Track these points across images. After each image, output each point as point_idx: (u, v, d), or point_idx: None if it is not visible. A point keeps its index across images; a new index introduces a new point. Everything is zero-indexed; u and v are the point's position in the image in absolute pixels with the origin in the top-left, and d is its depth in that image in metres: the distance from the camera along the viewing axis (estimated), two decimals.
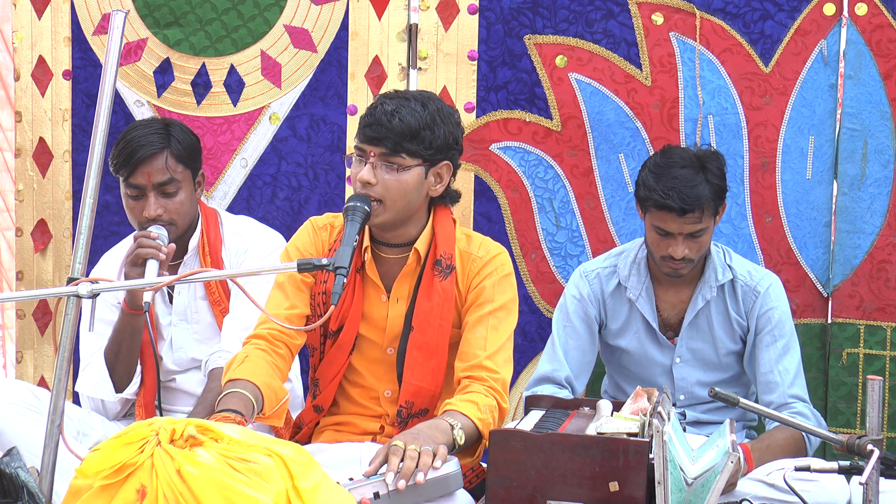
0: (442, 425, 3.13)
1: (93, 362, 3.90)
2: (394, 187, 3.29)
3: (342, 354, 3.46)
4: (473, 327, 3.39)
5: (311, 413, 3.55)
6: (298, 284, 3.47)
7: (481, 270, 3.43)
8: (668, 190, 3.71)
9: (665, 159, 3.80)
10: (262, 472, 2.47)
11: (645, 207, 3.81)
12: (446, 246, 3.42)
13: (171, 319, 3.96)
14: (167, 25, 4.54)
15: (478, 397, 3.27)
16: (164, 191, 3.82)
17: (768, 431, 3.78)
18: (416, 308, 3.40)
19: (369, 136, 3.28)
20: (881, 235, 4.23)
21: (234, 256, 3.95)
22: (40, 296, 4.17)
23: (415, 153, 3.29)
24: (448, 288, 3.40)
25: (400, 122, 3.26)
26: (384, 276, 3.44)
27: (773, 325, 3.87)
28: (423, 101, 3.33)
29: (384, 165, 3.29)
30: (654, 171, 3.77)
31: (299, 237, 3.55)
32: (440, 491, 3.03)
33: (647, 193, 3.76)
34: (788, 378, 3.83)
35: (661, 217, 3.75)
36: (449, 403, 3.25)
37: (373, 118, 3.29)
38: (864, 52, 4.18)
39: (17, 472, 2.67)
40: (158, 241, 3.64)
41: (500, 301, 3.42)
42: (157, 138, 3.83)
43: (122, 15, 3.06)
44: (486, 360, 3.34)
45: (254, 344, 3.39)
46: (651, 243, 3.84)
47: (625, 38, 4.31)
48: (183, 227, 3.88)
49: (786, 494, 3.41)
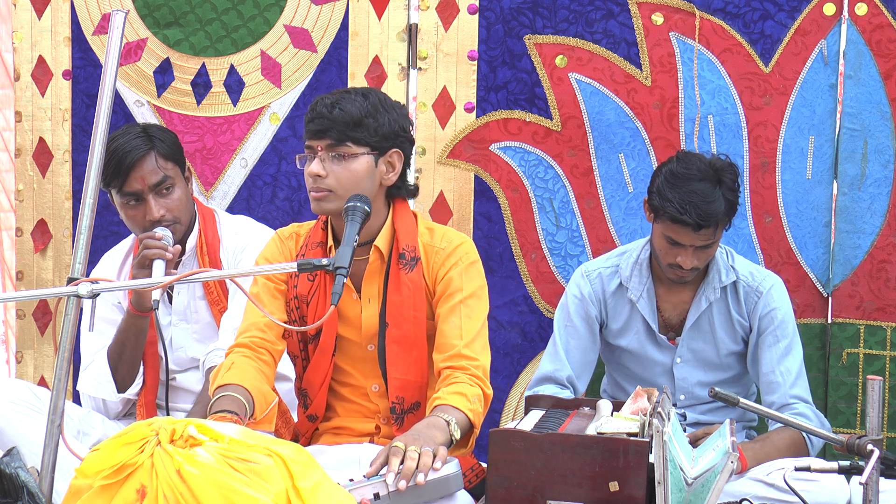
0: (438, 423, 3.14)
1: (95, 362, 3.90)
2: (344, 177, 3.31)
3: (326, 358, 3.47)
4: (447, 318, 3.39)
5: (306, 423, 3.55)
6: (273, 292, 3.50)
7: (446, 261, 3.43)
8: (685, 205, 3.68)
9: (682, 168, 3.75)
10: (262, 472, 2.48)
11: (658, 216, 3.79)
12: (408, 239, 3.43)
13: (170, 319, 3.97)
14: (167, 25, 4.54)
15: (464, 388, 3.27)
16: (160, 191, 3.83)
17: (767, 432, 3.78)
18: (388, 304, 3.41)
19: (314, 130, 3.31)
20: (881, 235, 4.23)
21: (231, 256, 3.96)
22: (40, 296, 4.17)
23: (360, 141, 3.31)
24: (416, 279, 3.41)
25: (341, 112, 3.29)
26: (352, 275, 3.44)
27: (776, 326, 3.86)
28: (364, 92, 3.38)
29: (332, 157, 3.31)
30: (671, 182, 3.74)
31: (268, 249, 3.57)
32: (441, 492, 3.03)
33: (662, 204, 3.73)
34: (790, 378, 3.83)
35: (675, 229, 3.73)
36: (438, 398, 3.25)
37: (314, 113, 3.32)
38: (864, 52, 4.18)
39: (17, 472, 2.67)
40: (164, 242, 3.67)
41: (470, 289, 3.42)
42: (140, 142, 3.83)
43: (121, 15, 3.06)
44: (465, 348, 3.35)
45: (238, 352, 3.41)
46: (659, 250, 3.83)
47: (625, 38, 4.31)
48: (185, 223, 3.90)
49: (786, 494, 3.41)
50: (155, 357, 3.88)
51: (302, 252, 3.49)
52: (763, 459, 3.61)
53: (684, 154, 3.85)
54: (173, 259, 3.67)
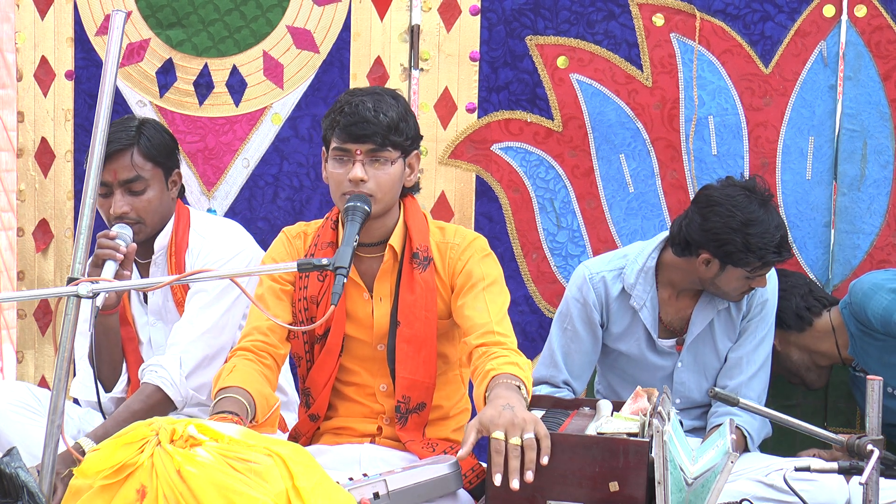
0: (512, 389, 3.05)
1: (83, 367, 3.87)
2: (384, 181, 3.31)
3: (332, 358, 3.46)
4: (472, 304, 3.35)
5: (308, 423, 3.53)
6: (278, 294, 3.47)
7: (462, 255, 3.43)
8: (775, 246, 3.72)
9: (742, 213, 3.71)
10: (261, 471, 2.48)
11: (741, 265, 3.74)
12: (421, 239, 3.42)
13: (147, 319, 3.91)
14: (170, 26, 4.55)
15: (515, 357, 3.21)
16: (130, 188, 3.75)
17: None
18: (401, 303, 3.40)
19: (356, 133, 3.28)
20: (881, 235, 4.24)
21: (195, 258, 3.85)
22: (41, 296, 4.17)
23: (398, 145, 3.32)
24: (429, 279, 3.40)
25: (385, 117, 3.28)
26: (364, 274, 3.44)
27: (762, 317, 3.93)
28: (393, 94, 3.38)
29: (372, 161, 3.30)
30: (747, 232, 3.70)
31: (275, 248, 3.55)
32: (440, 491, 3.03)
33: (760, 255, 3.71)
34: (753, 369, 3.94)
35: (763, 271, 3.77)
36: (492, 370, 3.14)
37: (356, 116, 3.28)
38: (863, 54, 4.19)
39: (17, 472, 2.67)
40: (117, 241, 3.57)
41: (492, 276, 3.41)
42: (125, 135, 3.76)
43: (122, 15, 3.07)
44: (496, 325, 3.30)
45: (240, 355, 3.38)
46: (734, 290, 3.82)
47: (626, 39, 4.32)
48: (152, 225, 3.80)
49: (785, 494, 3.42)
50: (136, 354, 3.84)
51: (311, 252, 3.47)
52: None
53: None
54: (129, 260, 3.57)
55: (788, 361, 4.08)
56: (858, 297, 3.87)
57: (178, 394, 3.63)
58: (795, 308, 4.01)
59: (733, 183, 3.80)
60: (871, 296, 3.82)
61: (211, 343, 3.72)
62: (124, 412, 3.55)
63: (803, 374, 4.11)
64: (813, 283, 4.11)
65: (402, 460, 3.33)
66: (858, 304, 3.87)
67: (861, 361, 3.97)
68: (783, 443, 4.11)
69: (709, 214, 3.74)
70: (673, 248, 3.86)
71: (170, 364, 3.65)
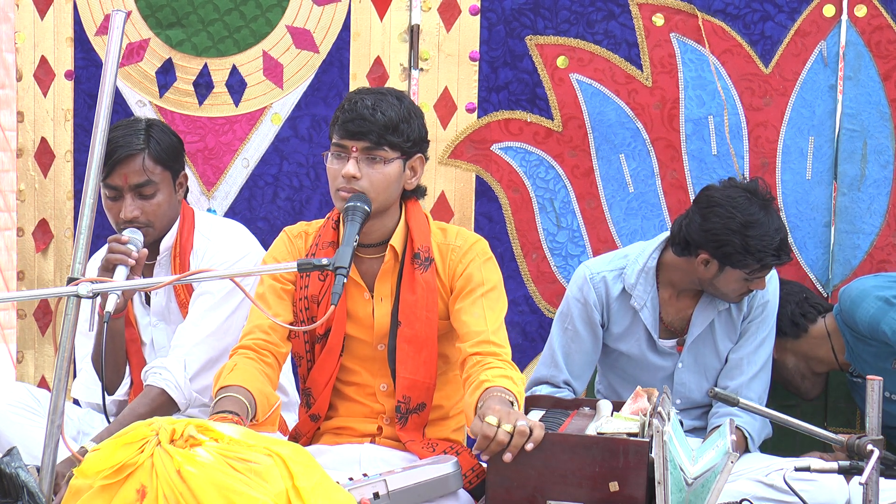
0: (506, 402, 3.07)
1: (84, 368, 3.87)
2: (378, 180, 3.31)
3: (332, 358, 3.46)
4: (469, 309, 3.36)
5: (308, 423, 3.53)
6: (279, 293, 3.47)
7: (463, 258, 3.43)
8: (775, 249, 3.71)
9: (742, 215, 3.71)
10: (261, 471, 2.48)
11: (739, 266, 3.74)
12: (422, 239, 3.43)
13: (149, 320, 3.90)
14: (169, 26, 4.55)
15: (509, 371, 3.23)
16: (140, 192, 3.73)
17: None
18: (402, 303, 3.41)
19: (352, 130, 3.29)
20: (881, 235, 4.24)
21: (199, 260, 3.83)
22: (41, 296, 4.17)
23: (395, 146, 3.31)
24: (430, 279, 3.41)
25: (382, 116, 3.28)
26: (364, 274, 3.45)
27: (763, 318, 3.92)
28: (398, 95, 3.38)
29: (367, 159, 3.30)
30: (746, 234, 3.69)
31: (276, 248, 3.55)
32: (440, 491, 3.04)
33: (758, 258, 3.70)
34: (754, 369, 3.93)
35: (765, 271, 3.77)
36: (486, 381, 3.16)
37: (354, 113, 3.30)
38: (863, 54, 4.18)
39: (17, 472, 2.68)
40: (129, 247, 3.57)
41: (491, 282, 3.41)
42: (135, 139, 3.73)
43: (122, 15, 3.07)
44: (492, 335, 3.32)
45: (241, 354, 3.39)
46: (732, 291, 3.81)
47: (626, 39, 4.32)
48: (161, 228, 3.79)
49: (785, 494, 3.42)
50: (139, 355, 3.84)
51: (312, 251, 3.48)
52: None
53: (738, 198, 3.76)
54: (140, 264, 3.58)
55: (784, 370, 4.08)
56: (847, 304, 3.87)
57: (182, 396, 3.63)
58: (791, 315, 4.02)
59: (735, 184, 3.80)
60: (858, 303, 3.83)
61: (215, 345, 3.72)
62: (129, 416, 3.53)
63: (798, 384, 4.11)
64: (808, 290, 4.11)
65: (403, 460, 3.33)
66: (847, 311, 3.87)
67: (857, 366, 3.97)
68: (783, 443, 4.11)
69: (709, 215, 3.74)
70: (673, 248, 3.86)
71: (174, 366, 3.65)
